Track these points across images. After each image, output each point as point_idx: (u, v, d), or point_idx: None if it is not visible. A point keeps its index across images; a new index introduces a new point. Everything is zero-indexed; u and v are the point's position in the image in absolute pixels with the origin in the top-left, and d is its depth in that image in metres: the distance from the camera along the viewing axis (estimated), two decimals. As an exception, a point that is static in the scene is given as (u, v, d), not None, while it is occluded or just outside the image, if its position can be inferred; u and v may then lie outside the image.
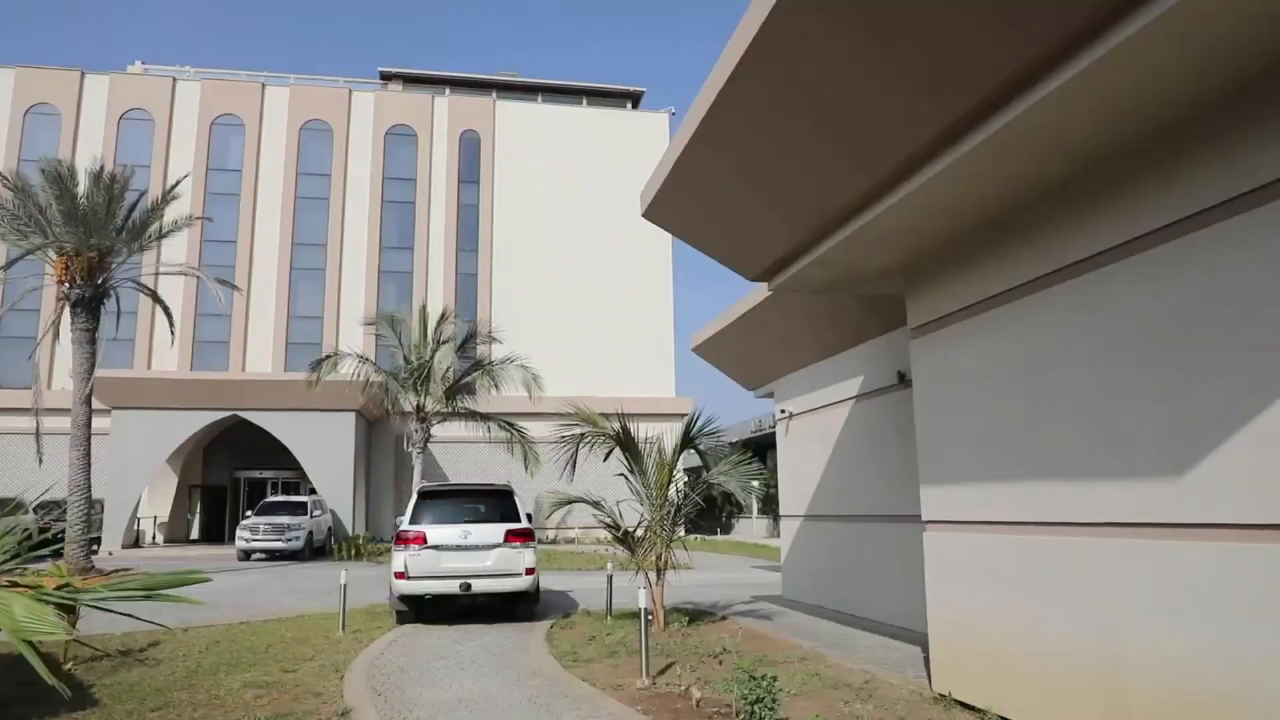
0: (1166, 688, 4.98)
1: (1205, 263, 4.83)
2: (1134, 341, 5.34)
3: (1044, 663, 6.00)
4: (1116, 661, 5.35)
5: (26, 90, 37.75)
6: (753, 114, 6.56)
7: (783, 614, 12.66)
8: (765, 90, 6.18)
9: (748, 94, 6.25)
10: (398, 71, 43.98)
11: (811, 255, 8.00)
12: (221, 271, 33.51)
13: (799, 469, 14.45)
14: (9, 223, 19.10)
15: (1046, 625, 6.00)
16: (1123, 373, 5.42)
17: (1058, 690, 5.87)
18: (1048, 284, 6.14)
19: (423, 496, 12.63)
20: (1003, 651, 6.47)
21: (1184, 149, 4.97)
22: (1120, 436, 5.41)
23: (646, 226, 10.99)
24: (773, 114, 6.49)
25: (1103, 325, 5.61)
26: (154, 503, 33.07)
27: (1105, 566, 5.51)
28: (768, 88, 6.15)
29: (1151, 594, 5.12)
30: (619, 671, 8.27)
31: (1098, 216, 5.65)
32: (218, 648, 9.74)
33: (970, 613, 6.94)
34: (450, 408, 24.35)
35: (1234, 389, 4.63)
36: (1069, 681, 5.76)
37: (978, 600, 6.85)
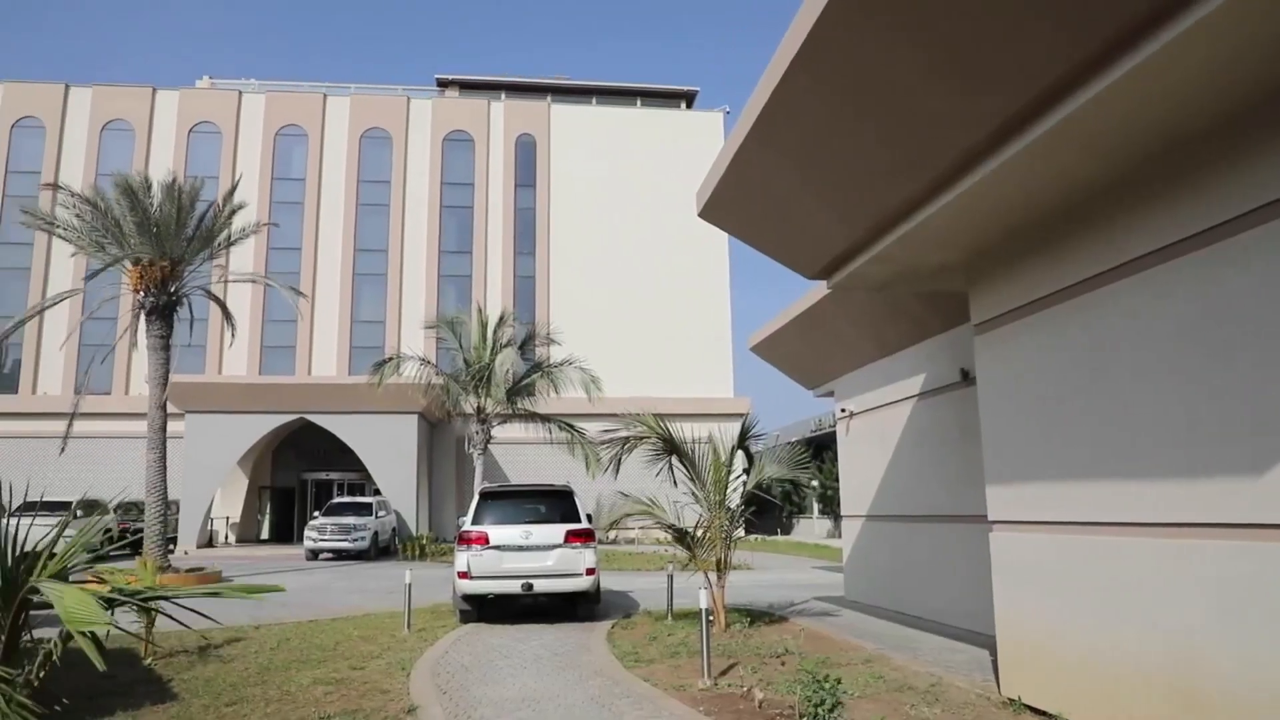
0: (1241, 695, 4.81)
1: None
2: (1206, 335, 5.16)
3: (1116, 667, 5.84)
4: (1190, 667, 5.18)
5: (102, 108, 39.22)
6: (807, 111, 6.50)
7: (845, 615, 12.52)
8: (820, 88, 6.13)
9: (802, 92, 6.20)
10: (454, 78, 44.62)
11: (870, 252, 7.90)
12: (287, 278, 34.37)
13: (860, 468, 14.27)
14: (88, 235, 19.86)
15: (1118, 629, 5.83)
16: (1194, 368, 5.24)
17: (1130, 696, 5.70)
18: (1115, 278, 5.97)
19: (484, 497, 12.77)
20: (1074, 655, 6.30)
21: (1255, 137, 4.80)
22: (1193, 434, 5.23)
23: (702, 226, 10.97)
24: (828, 111, 6.43)
25: (1172, 319, 5.43)
26: (226, 503, 34.07)
27: (1178, 568, 5.33)
28: (822, 85, 6.09)
29: (1226, 597, 4.95)
30: (680, 672, 8.26)
31: (1165, 208, 5.48)
32: (288, 645, 9.98)
33: (1039, 615, 6.78)
34: (510, 409, 24.60)
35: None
36: (1141, 687, 5.59)
37: (1047, 602, 6.69)
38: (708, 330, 39.82)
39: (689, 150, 39.46)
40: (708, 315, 40.00)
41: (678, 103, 45.25)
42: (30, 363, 36.80)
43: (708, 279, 40.32)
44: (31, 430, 35.28)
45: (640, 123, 42.55)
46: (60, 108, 39.01)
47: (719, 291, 40.58)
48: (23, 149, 38.56)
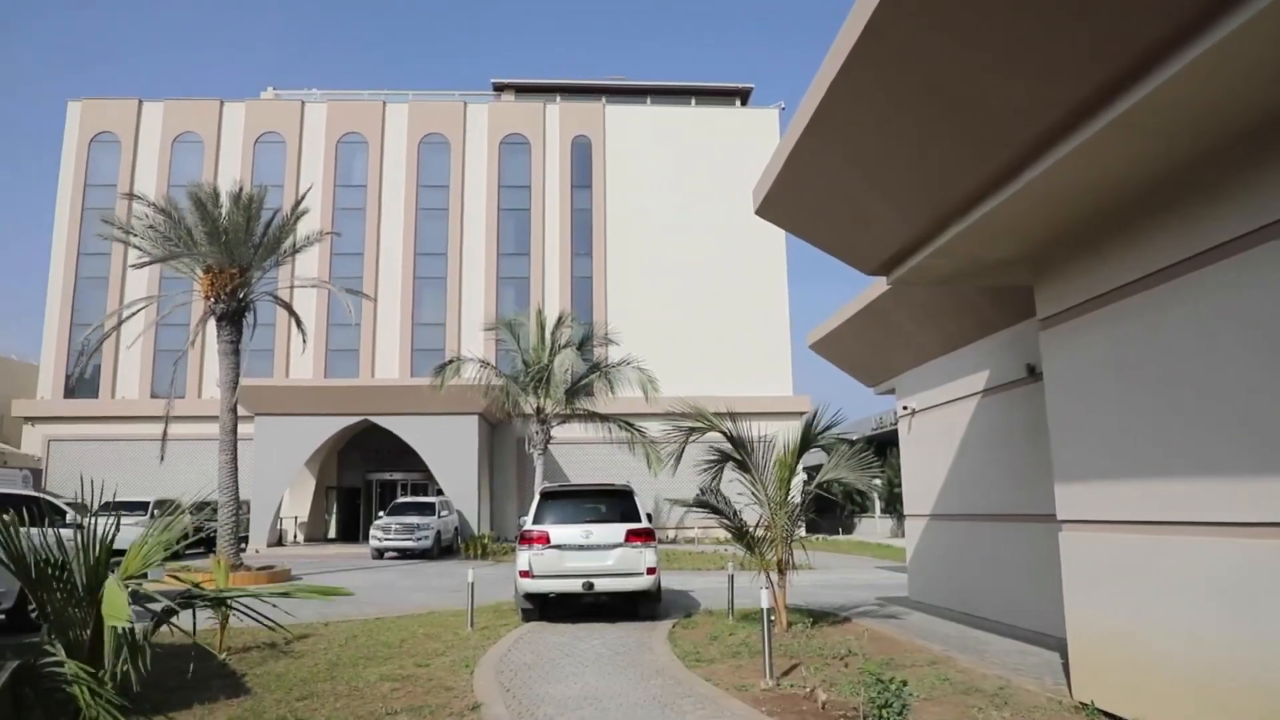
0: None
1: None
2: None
3: (1197, 672, 5.64)
4: (1278, 672, 4.98)
5: (173, 121, 40.55)
6: (866, 104, 6.41)
7: (909, 616, 12.32)
8: (879, 79, 6.04)
9: (861, 84, 6.11)
10: (509, 82, 45.06)
11: (931, 247, 7.76)
12: (350, 283, 35.12)
13: (923, 467, 14.03)
14: (162, 245, 20.55)
15: (1199, 632, 5.63)
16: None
17: (1212, 702, 5.50)
18: (1192, 267, 5.76)
19: (545, 497, 12.86)
20: (1151, 659, 6.11)
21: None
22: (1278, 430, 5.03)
23: (759, 224, 10.90)
24: (887, 103, 6.33)
25: (1257, 309, 5.22)
26: (295, 503, 34.93)
27: (1263, 570, 5.13)
28: (881, 76, 6.00)
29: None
30: (742, 672, 8.22)
31: (1249, 191, 5.27)
32: (356, 642, 10.19)
33: (1114, 617, 6.58)
34: (569, 409, 24.76)
35: None
36: (1224, 693, 5.39)
37: (1122, 604, 6.49)
38: (766, 328, 39.55)
39: (745, 148, 39.27)
40: (765, 313, 39.73)
41: (732, 100, 45.04)
42: (109, 368, 38.19)
43: (765, 276, 40.05)
44: (111, 433, 36.71)
45: (695, 121, 42.46)
46: (134, 123, 40.43)
47: (777, 289, 40.28)
48: (100, 163, 40.06)
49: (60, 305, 38.68)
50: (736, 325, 39.22)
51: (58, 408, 37.53)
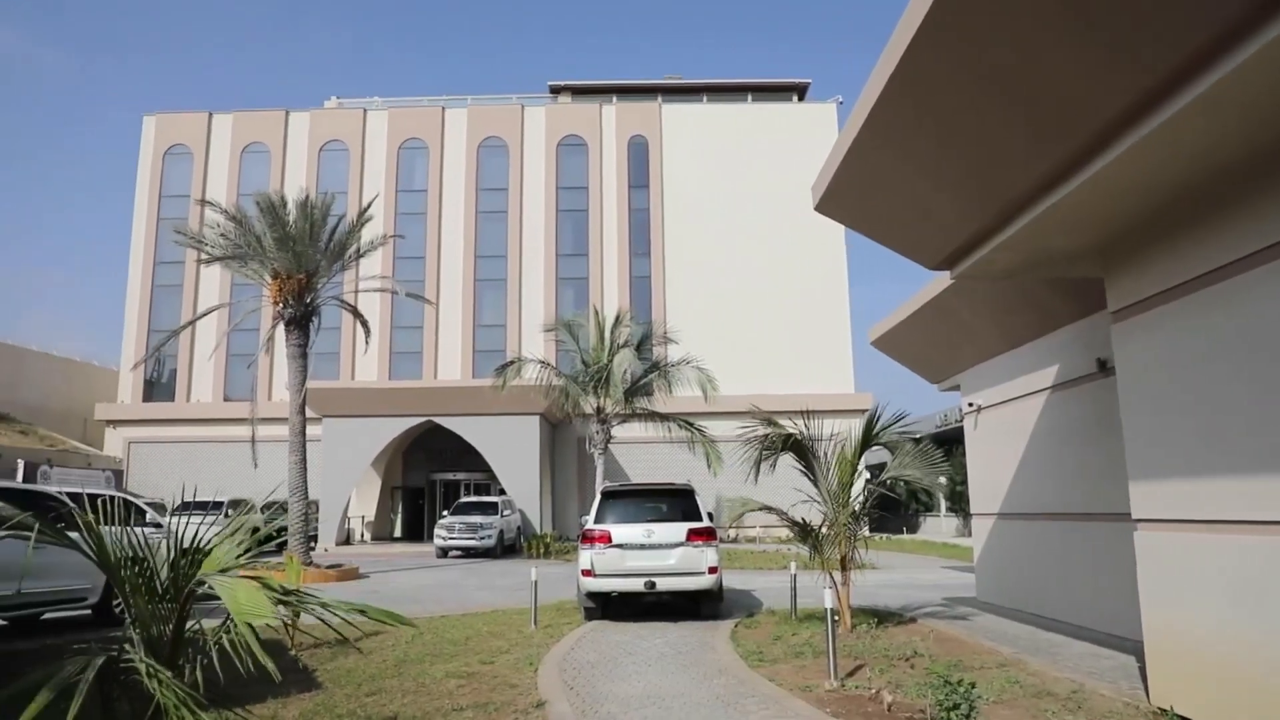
0: None
1: None
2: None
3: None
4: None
5: (242, 131, 41.77)
6: (927, 94, 6.30)
7: (977, 617, 12.08)
8: (940, 69, 5.93)
9: (921, 74, 6.01)
10: (566, 84, 45.37)
11: (996, 240, 7.59)
12: (413, 286, 35.78)
13: (990, 465, 13.74)
14: (233, 252, 21.19)
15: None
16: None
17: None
18: (1276, 255, 5.53)
19: (606, 496, 12.91)
20: (1234, 664, 5.88)
21: None
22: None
23: (819, 220, 10.80)
24: (948, 94, 6.21)
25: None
26: (361, 503, 35.69)
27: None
28: (943, 65, 5.89)
29: None
30: (806, 672, 8.15)
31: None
32: (422, 639, 10.36)
33: (1193, 620, 6.36)
34: (629, 409, 24.81)
35: None
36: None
37: (1202, 607, 6.26)
38: (826, 325, 39.14)
39: (803, 143, 38.91)
40: (826, 310, 39.31)
41: (789, 96, 44.68)
42: (184, 372, 39.50)
43: (825, 273, 39.64)
44: (186, 435, 37.98)
45: (752, 118, 42.22)
46: (205, 135, 41.75)
47: (837, 285, 39.83)
48: (173, 174, 41.47)
49: (138, 312, 40.14)
50: (797, 323, 38.89)
51: (136, 411, 38.97)
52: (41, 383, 38.67)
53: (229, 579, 3.90)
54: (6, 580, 10.66)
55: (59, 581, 11.25)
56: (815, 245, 38.59)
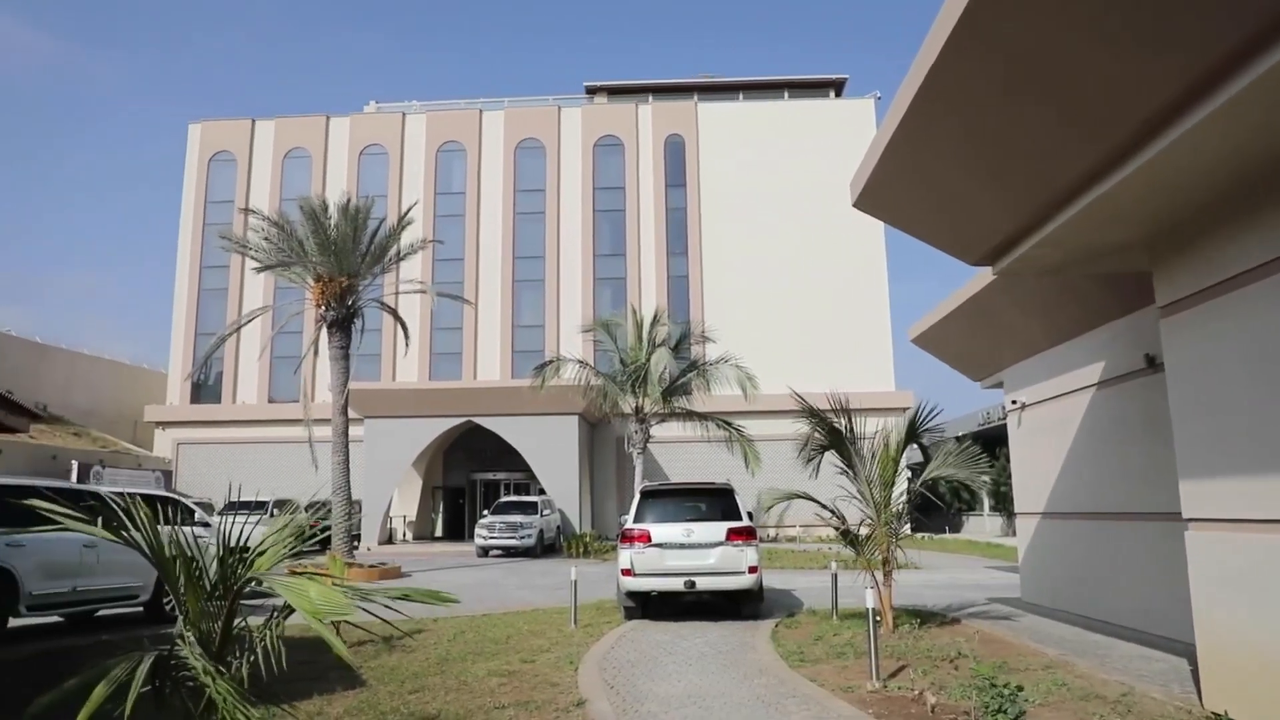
0: None
1: None
2: None
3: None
4: None
5: (284, 137, 42.47)
6: (967, 87, 6.21)
7: (1022, 618, 11.89)
8: (980, 60, 5.84)
9: (961, 67, 5.92)
10: (602, 84, 45.50)
11: (1039, 235, 7.47)
12: (452, 287, 36.14)
13: (1034, 463, 13.52)
14: (276, 256, 21.56)
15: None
16: None
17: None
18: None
19: (646, 496, 12.91)
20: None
21: None
22: None
23: (857, 217, 10.72)
24: (989, 85, 6.12)
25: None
26: (403, 503, 36.09)
27: None
28: (983, 58, 5.80)
29: None
30: (847, 673, 8.09)
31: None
32: (464, 637, 10.45)
33: (1249, 622, 6.20)
34: (667, 408, 24.81)
35: None
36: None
37: (1258, 608, 6.10)
38: (866, 323, 38.79)
39: (840, 140, 38.61)
40: (865, 307, 38.96)
41: (826, 92, 44.36)
42: (230, 375, 40.26)
43: (864, 270, 39.28)
44: (232, 436, 38.71)
45: (788, 115, 41.98)
46: (248, 141, 42.50)
47: (876, 282, 39.44)
48: (218, 181, 42.27)
49: (185, 316, 40.98)
50: (836, 321, 38.60)
51: (184, 413, 39.80)
52: (94, 386, 39.64)
53: (297, 579, 3.97)
54: (62, 578, 10.99)
55: (112, 579, 11.56)
56: (854, 242, 38.28)
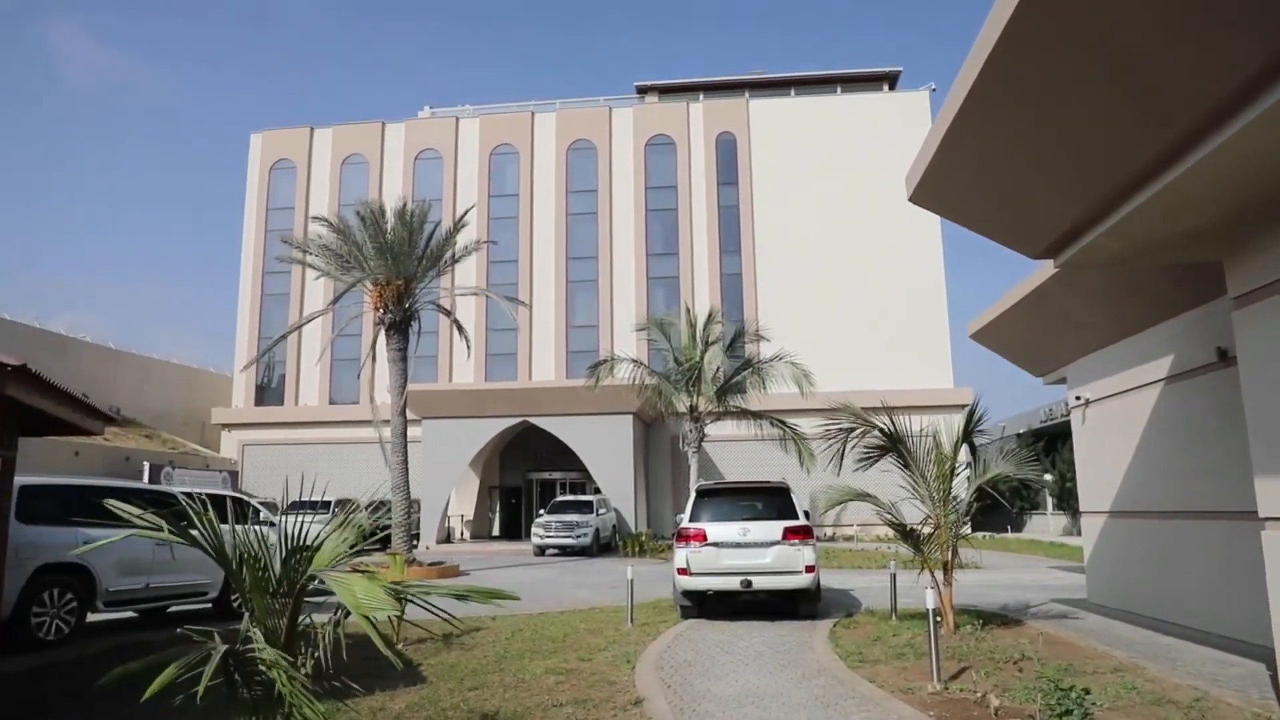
0: None
1: None
2: None
3: None
4: None
5: (342, 144, 43.34)
6: (1027, 76, 6.08)
7: (1088, 619, 11.59)
8: (1041, 47, 5.70)
9: (1020, 55, 5.80)
10: (652, 84, 45.53)
11: (1103, 226, 7.27)
12: (506, 289, 36.50)
13: (1100, 460, 13.17)
14: (334, 261, 22.00)
15: None
16: None
17: None
18: None
19: (701, 495, 12.88)
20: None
21: None
22: None
23: (913, 211, 10.55)
24: (1050, 75, 5.98)
25: None
26: (461, 502, 36.57)
27: None
28: (1043, 45, 5.67)
29: None
30: (907, 674, 7.97)
31: None
32: (521, 635, 10.55)
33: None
34: (722, 407, 24.73)
35: None
36: None
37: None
38: (923, 319, 38.19)
39: (895, 134, 38.10)
40: (922, 303, 38.35)
41: (880, 85, 43.79)
42: (292, 377, 41.22)
43: (920, 265, 38.66)
44: (294, 437, 39.62)
45: (841, 109, 41.53)
46: (307, 149, 43.47)
47: (933, 277, 38.78)
48: (279, 188, 43.33)
49: (249, 320, 42.08)
50: (892, 317, 38.08)
51: (249, 414, 40.86)
52: (164, 389, 40.91)
53: (344, 575, 4.05)
54: (136, 575, 11.38)
55: (182, 577, 11.95)
56: (910, 237, 37.72)
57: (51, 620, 10.25)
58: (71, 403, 7.42)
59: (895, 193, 13.01)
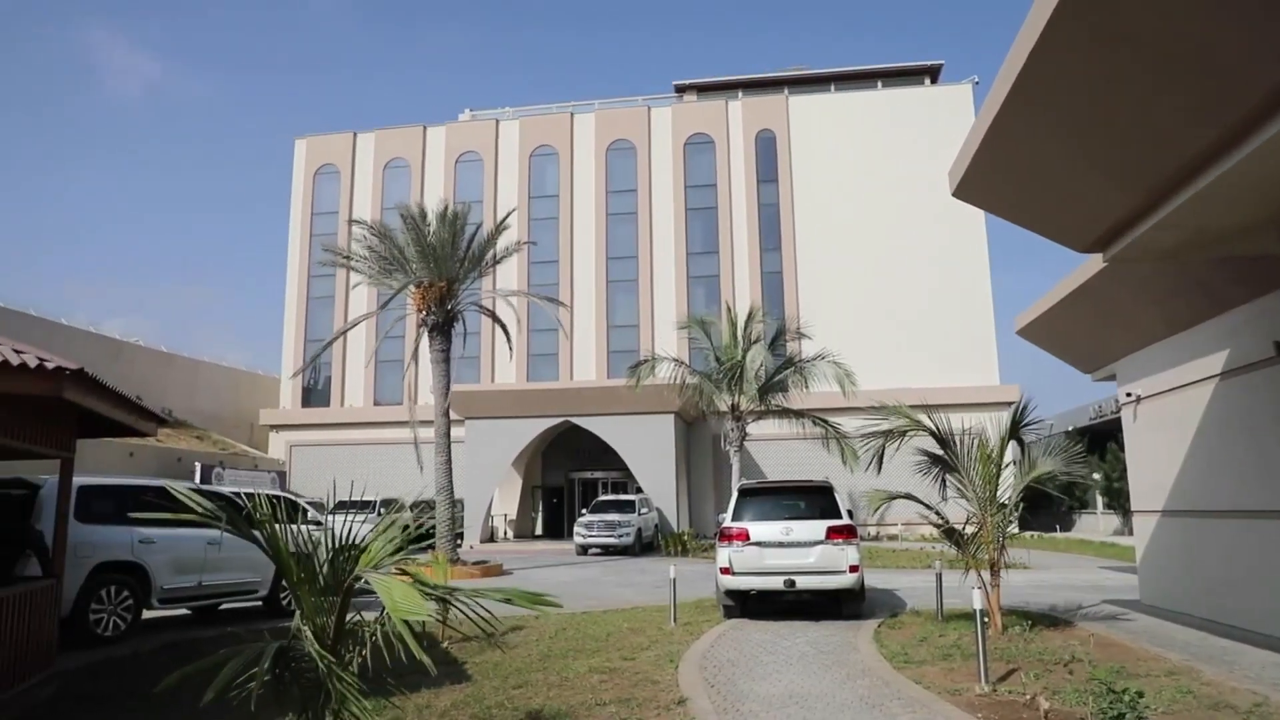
0: None
1: None
2: None
3: None
4: None
5: (384, 148, 43.91)
6: (1073, 68, 5.96)
7: (1141, 620, 11.35)
8: (1087, 39, 5.59)
9: (1066, 46, 5.69)
10: (691, 83, 45.44)
11: (1153, 218, 7.12)
12: (547, 290, 36.71)
13: (1152, 459, 12.88)
14: (377, 264, 22.31)
15: None
16: None
17: None
18: None
19: (743, 494, 12.84)
20: None
21: None
22: None
23: (957, 206, 10.41)
24: (1097, 65, 5.86)
25: None
26: (504, 502, 36.84)
27: None
28: (1090, 36, 5.56)
29: None
30: (954, 675, 7.87)
31: None
32: (564, 634, 10.60)
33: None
34: (763, 406, 24.63)
35: None
36: None
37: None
38: (967, 315, 37.63)
39: (937, 128, 37.61)
40: (966, 299, 37.78)
41: (921, 79, 43.25)
42: (338, 379, 41.87)
43: (965, 261, 38.09)
44: (340, 438, 40.26)
45: (882, 104, 41.08)
46: (350, 153, 44.10)
47: (978, 273, 38.18)
48: (323, 193, 44.02)
49: (295, 323, 42.82)
50: (936, 314, 37.58)
51: (296, 416, 41.58)
52: (214, 391, 41.78)
53: (386, 577, 4.11)
54: (189, 573, 11.64)
55: (234, 575, 12.21)
56: (954, 233, 37.20)
57: (109, 617, 10.53)
58: (126, 405, 7.60)
59: (938, 188, 12.84)
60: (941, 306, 37.70)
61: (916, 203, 37.82)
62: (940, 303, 37.74)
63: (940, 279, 37.95)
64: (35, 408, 6.89)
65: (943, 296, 37.79)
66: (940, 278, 37.97)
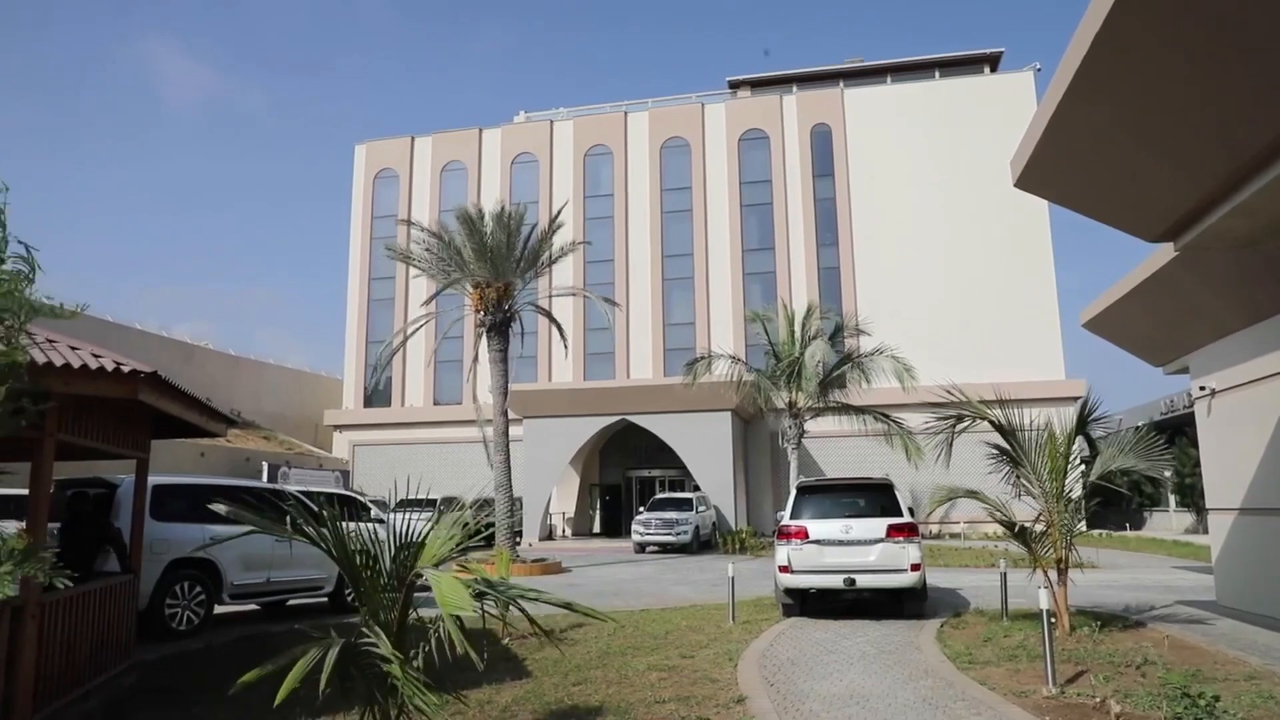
0: None
1: None
2: None
3: None
4: None
5: (441, 152, 44.55)
6: (1141, 49, 5.78)
7: (1217, 622, 10.97)
8: (1155, 21, 5.42)
9: (1133, 28, 5.52)
10: (745, 78, 45.17)
11: (1227, 205, 6.86)
12: (602, 289, 36.82)
13: (1229, 454, 12.43)
14: (436, 265, 22.67)
15: None
16: None
17: None
18: None
19: (802, 491, 12.73)
20: None
21: None
22: None
23: (1018, 197, 10.18)
24: (1165, 47, 5.67)
25: None
26: (561, 500, 37.12)
27: None
28: (1158, 17, 5.38)
29: None
30: (1020, 677, 7.70)
31: None
32: (623, 632, 10.63)
33: None
34: (822, 402, 24.40)
35: None
36: None
37: None
38: (1031, 308, 36.73)
39: (998, 117, 36.82)
40: (1030, 292, 36.88)
41: (981, 68, 42.35)
42: (398, 379, 42.60)
43: (1028, 252, 37.20)
44: (401, 438, 40.98)
45: (940, 95, 40.32)
46: (408, 158, 44.85)
47: (1041, 265, 37.23)
48: (383, 197, 44.85)
49: (357, 325, 43.70)
50: (998, 307, 36.78)
51: (359, 416, 42.45)
52: (279, 393, 42.89)
53: (439, 573, 4.17)
54: (258, 570, 11.98)
55: (300, 572, 12.52)
56: (1016, 223, 36.37)
57: (183, 611, 10.89)
58: (197, 407, 7.84)
59: (1000, 178, 12.58)
60: (1004, 299, 36.90)
61: (978, 194, 37.09)
62: (1003, 295, 36.93)
63: (1003, 271, 37.15)
64: (113, 410, 7.16)
65: (1005, 289, 36.98)
66: (1003, 270, 37.17)
